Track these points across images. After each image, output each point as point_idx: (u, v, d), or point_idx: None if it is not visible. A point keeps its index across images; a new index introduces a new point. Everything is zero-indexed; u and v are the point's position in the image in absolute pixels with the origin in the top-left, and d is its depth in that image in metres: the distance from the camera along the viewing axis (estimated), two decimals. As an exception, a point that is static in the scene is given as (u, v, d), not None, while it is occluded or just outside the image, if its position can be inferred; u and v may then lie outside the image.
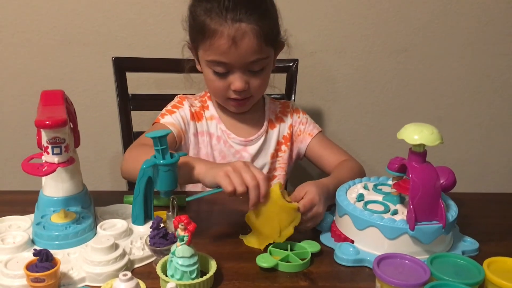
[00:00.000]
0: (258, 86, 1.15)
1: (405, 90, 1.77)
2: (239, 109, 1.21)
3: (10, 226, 0.92)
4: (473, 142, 1.85)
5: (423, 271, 0.72)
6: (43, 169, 0.82)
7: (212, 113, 1.25)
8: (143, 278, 0.76)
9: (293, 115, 1.31)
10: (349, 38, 1.68)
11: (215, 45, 1.08)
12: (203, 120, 1.24)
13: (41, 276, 0.72)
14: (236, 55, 1.08)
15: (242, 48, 1.07)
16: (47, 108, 0.85)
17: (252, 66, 1.11)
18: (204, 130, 1.24)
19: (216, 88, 1.15)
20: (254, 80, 1.14)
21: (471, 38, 1.72)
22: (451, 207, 0.92)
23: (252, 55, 1.09)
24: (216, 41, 1.07)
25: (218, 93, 1.17)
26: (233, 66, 1.10)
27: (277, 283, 0.81)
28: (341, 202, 0.93)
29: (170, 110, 1.23)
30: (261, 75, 1.14)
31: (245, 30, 1.06)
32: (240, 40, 1.06)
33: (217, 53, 1.09)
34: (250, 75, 1.13)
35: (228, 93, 1.15)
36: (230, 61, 1.09)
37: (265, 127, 1.27)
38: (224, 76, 1.12)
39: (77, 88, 1.63)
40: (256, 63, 1.11)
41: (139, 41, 1.60)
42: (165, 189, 0.89)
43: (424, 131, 0.83)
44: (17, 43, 1.57)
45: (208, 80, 1.17)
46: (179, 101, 1.26)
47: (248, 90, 1.14)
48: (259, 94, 1.21)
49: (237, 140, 1.24)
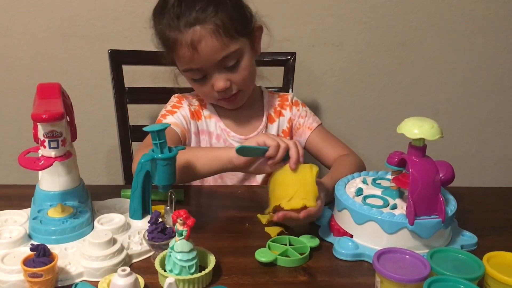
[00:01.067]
0: (241, 79, 1.13)
1: (402, 84, 1.76)
2: (232, 105, 1.20)
3: (6, 220, 0.91)
4: (471, 136, 1.85)
5: (423, 266, 0.72)
6: (40, 163, 0.82)
7: (211, 112, 1.24)
8: (141, 273, 0.76)
9: (293, 108, 1.30)
10: (346, 32, 1.68)
11: (179, 55, 1.08)
12: (202, 119, 1.23)
13: (39, 271, 0.71)
14: (201, 59, 1.07)
15: (203, 51, 1.05)
16: (44, 102, 0.84)
17: (225, 63, 1.09)
18: (204, 128, 1.23)
19: (202, 93, 1.16)
20: (234, 76, 1.12)
21: (469, 32, 1.72)
22: (450, 201, 0.92)
23: (218, 54, 1.07)
24: (178, 51, 1.08)
25: (206, 97, 1.18)
26: (205, 69, 1.09)
27: (276, 278, 0.81)
28: (340, 197, 0.93)
29: (171, 110, 1.21)
30: (239, 69, 1.12)
31: (200, 33, 1.05)
32: (198, 44, 1.05)
33: (185, 62, 1.09)
34: (228, 71, 1.11)
35: (215, 95, 1.14)
36: (200, 66, 1.09)
37: (264, 122, 1.26)
38: (203, 80, 1.12)
39: (73, 81, 1.61)
40: (226, 59, 1.08)
41: (136, 34, 1.58)
42: (163, 183, 0.88)
43: (424, 125, 0.83)
44: (13, 36, 1.55)
45: (194, 87, 1.17)
46: (177, 101, 1.25)
47: (231, 87, 1.13)
48: (247, 86, 1.18)
49: (237, 138, 1.23)
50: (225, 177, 1.23)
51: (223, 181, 1.24)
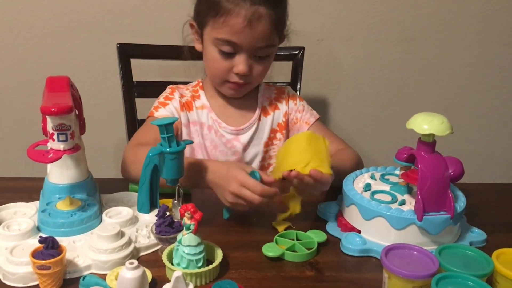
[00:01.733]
0: (260, 72, 1.15)
1: (411, 79, 1.75)
2: (235, 93, 1.19)
3: (15, 213, 0.92)
4: (480, 132, 1.84)
5: (431, 262, 0.72)
6: (49, 156, 0.82)
7: (203, 102, 1.24)
8: (149, 266, 0.76)
9: (289, 101, 1.29)
10: (356, 26, 1.67)
11: (229, 24, 1.06)
12: (193, 110, 1.23)
13: (47, 264, 0.71)
14: (248, 37, 1.07)
15: (256, 31, 1.06)
16: (53, 95, 0.84)
17: (259, 52, 1.11)
18: (195, 119, 1.23)
19: (218, 68, 1.14)
20: (257, 66, 1.13)
21: (479, 26, 1.70)
22: (459, 197, 0.91)
23: (263, 40, 1.09)
24: (231, 19, 1.06)
25: (218, 74, 1.15)
26: (241, 48, 1.09)
27: (283, 273, 0.81)
28: (348, 192, 0.92)
29: (163, 102, 1.22)
30: (264, 62, 1.14)
31: (262, 13, 1.05)
32: (255, 22, 1.05)
33: (229, 32, 1.07)
34: (255, 60, 1.12)
35: (229, 76, 1.14)
36: (240, 42, 1.08)
37: (257, 115, 1.25)
38: (229, 57, 1.11)
39: (82, 75, 1.62)
40: (263, 49, 1.11)
41: (144, 27, 1.58)
42: (171, 177, 0.88)
43: (434, 120, 0.82)
44: (22, 30, 1.56)
45: (210, 59, 1.15)
46: (170, 92, 1.25)
47: (250, 75, 1.13)
48: (257, 82, 1.20)
49: (228, 129, 1.23)
50: None
51: None
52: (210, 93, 1.25)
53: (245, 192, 0.88)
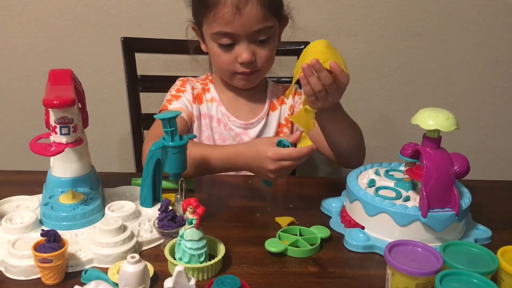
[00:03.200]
0: (265, 57, 1.13)
1: (417, 76, 1.74)
2: (246, 83, 1.18)
3: (18, 206, 0.92)
4: (486, 129, 1.82)
5: (435, 259, 0.71)
6: (51, 149, 0.82)
7: (213, 95, 1.24)
8: (151, 261, 0.76)
9: (295, 96, 1.29)
10: (361, 22, 1.65)
11: (219, 15, 1.06)
12: (203, 103, 1.23)
13: (49, 257, 0.71)
14: (240, 23, 1.06)
15: (246, 15, 1.06)
16: (55, 87, 0.83)
17: (257, 36, 1.10)
18: (205, 112, 1.23)
19: (223, 62, 1.14)
20: (261, 51, 1.12)
21: (486, 22, 1.68)
22: (464, 194, 0.91)
23: (257, 23, 1.08)
24: (219, 10, 1.06)
25: (225, 68, 1.15)
26: (239, 36, 1.09)
27: (286, 268, 0.80)
28: (352, 188, 0.92)
29: (175, 95, 1.22)
30: (267, 46, 1.13)
31: None
32: (244, 7, 1.05)
33: (221, 23, 1.07)
34: (256, 45, 1.12)
35: (235, 67, 1.13)
36: (235, 31, 1.07)
37: (265, 110, 1.25)
38: (230, 48, 1.11)
39: (86, 69, 1.61)
40: (261, 32, 1.10)
41: (149, 21, 1.58)
42: (174, 171, 0.88)
43: (440, 116, 0.81)
44: (26, 24, 1.56)
45: (214, 56, 1.15)
46: (181, 84, 1.25)
47: (255, 62, 1.13)
48: (266, 68, 1.18)
49: (237, 123, 1.23)
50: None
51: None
52: (220, 86, 1.25)
53: (284, 164, 0.91)
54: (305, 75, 0.90)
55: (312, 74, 0.90)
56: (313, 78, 0.90)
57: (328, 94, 0.92)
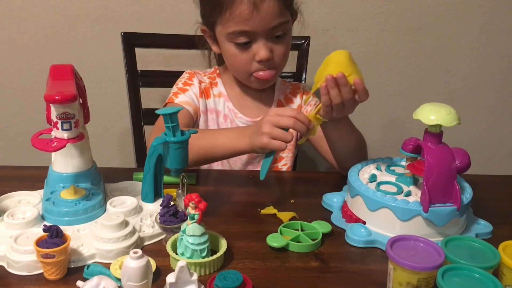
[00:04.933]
0: (282, 54, 1.13)
1: (417, 70, 1.74)
2: (264, 83, 1.18)
3: (19, 201, 0.92)
4: (487, 124, 1.82)
5: (437, 254, 0.71)
6: (53, 144, 0.81)
7: (221, 90, 1.23)
8: (153, 256, 0.76)
9: (303, 96, 1.29)
10: (361, 16, 1.65)
11: (235, 13, 1.05)
12: (211, 97, 1.22)
13: (51, 252, 0.71)
14: (258, 20, 1.05)
15: (264, 12, 1.05)
16: (57, 83, 0.83)
17: (274, 32, 1.09)
18: (212, 107, 1.22)
19: (240, 62, 1.13)
20: (278, 48, 1.11)
21: (487, 17, 1.68)
22: (465, 189, 0.91)
23: (275, 19, 1.07)
24: (236, 8, 1.05)
25: (242, 68, 1.14)
26: (256, 33, 1.08)
27: (288, 263, 0.80)
28: (353, 183, 0.92)
29: (182, 88, 1.21)
30: (283, 42, 1.12)
31: None
32: (260, 3, 1.04)
33: (238, 22, 1.06)
34: (273, 42, 1.11)
35: (253, 67, 1.12)
36: (252, 28, 1.06)
37: (273, 107, 1.24)
38: (247, 47, 1.10)
39: (86, 63, 1.61)
40: (278, 28, 1.09)
41: (149, 16, 1.57)
42: (175, 166, 0.88)
43: (441, 111, 0.81)
44: (25, 18, 1.55)
45: (230, 57, 1.14)
46: (188, 77, 1.24)
47: (272, 59, 1.12)
48: (282, 65, 1.17)
49: (244, 120, 1.22)
50: (232, 163, 1.23)
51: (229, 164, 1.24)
52: (228, 82, 1.24)
53: (279, 119, 0.92)
54: (327, 86, 0.91)
55: (334, 87, 0.90)
56: (335, 90, 0.91)
57: (345, 107, 0.93)
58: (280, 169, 1.27)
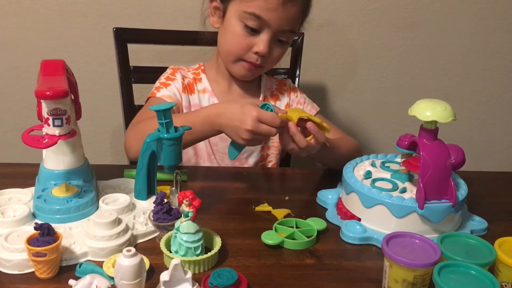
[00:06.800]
0: (276, 57, 1.15)
1: (411, 66, 1.74)
2: (247, 74, 1.17)
3: (10, 199, 0.90)
4: (481, 120, 1.83)
5: (433, 251, 0.71)
6: (44, 141, 0.80)
7: (205, 86, 1.22)
8: (146, 254, 0.75)
9: (290, 93, 1.29)
10: (356, 12, 1.64)
11: None
12: (195, 93, 1.21)
13: (43, 251, 0.70)
14: (279, 17, 1.06)
15: (287, 11, 1.07)
16: (48, 78, 0.82)
17: (282, 35, 1.11)
18: (196, 103, 1.21)
19: (237, 44, 1.11)
20: (276, 50, 1.13)
21: (481, 13, 1.68)
22: (460, 185, 0.90)
23: (290, 23, 1.09)
24: None
25: (236, 51, 1.13)
26: (268, 26, 1.08)
27: (283, 260, 0.80)
28: (348, 179, 0.91)
29: (165, 82, 1.20)
30: (282, 48, 1.15)
31: None
32: (289, 4, 1.06)
33: (262, 7, 1.06)
34: (275, 43, 1.12)
35: (246, 54, 1.12)
36: (269, 20, 1.07)
37: None
38: (252, 34, 1.09)
39: (78, 59, 1.59)
40: (287, 33, 1.11)
41: (141, 12, 1.56)
42: (169, 163, 0.87)
43: (437, 107, 0.81)
44: (17, 13, 1.53)
45: (230, 34, 1.12)
46: (171, 73, 1.23)
47: (267, 57, 1.13)
48: (270, 66, 1.19)
49: None
50: (219, 159, 1.23)
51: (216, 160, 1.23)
52: (213, 77, 1.23)
53: (262, 127, 0.90)
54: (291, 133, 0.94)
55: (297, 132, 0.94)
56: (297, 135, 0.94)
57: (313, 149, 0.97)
58: (266, 166, 1.27)
